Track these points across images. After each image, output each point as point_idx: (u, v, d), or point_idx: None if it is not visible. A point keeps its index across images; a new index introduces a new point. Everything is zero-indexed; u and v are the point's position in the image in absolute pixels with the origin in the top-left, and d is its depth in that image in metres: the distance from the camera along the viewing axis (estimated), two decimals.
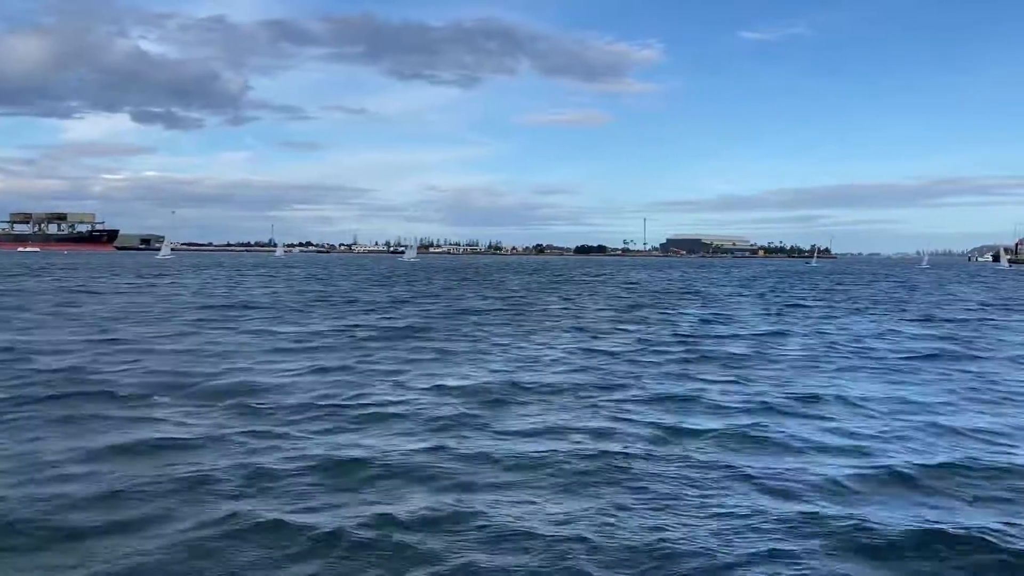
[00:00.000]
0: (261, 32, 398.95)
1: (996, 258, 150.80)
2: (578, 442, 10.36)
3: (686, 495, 8.32)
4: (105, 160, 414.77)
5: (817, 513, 7.78)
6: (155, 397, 12.76)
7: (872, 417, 12.25)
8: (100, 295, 37.67)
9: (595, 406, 12.74)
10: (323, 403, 12.53)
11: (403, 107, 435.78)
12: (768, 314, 32.98)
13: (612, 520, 7.54)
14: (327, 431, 10.78)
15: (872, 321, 29.88)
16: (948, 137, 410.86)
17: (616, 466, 9.29)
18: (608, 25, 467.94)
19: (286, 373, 15.35)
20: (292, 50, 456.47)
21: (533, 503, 8.05)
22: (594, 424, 11.39)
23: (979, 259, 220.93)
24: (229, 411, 11.88)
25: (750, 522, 7.55)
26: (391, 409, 12.16)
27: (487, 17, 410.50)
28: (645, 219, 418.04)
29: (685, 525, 7.45)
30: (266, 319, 26.64)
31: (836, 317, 31.68)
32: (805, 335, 24.28)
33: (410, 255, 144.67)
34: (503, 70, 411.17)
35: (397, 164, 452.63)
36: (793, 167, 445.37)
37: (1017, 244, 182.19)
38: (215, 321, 25.42)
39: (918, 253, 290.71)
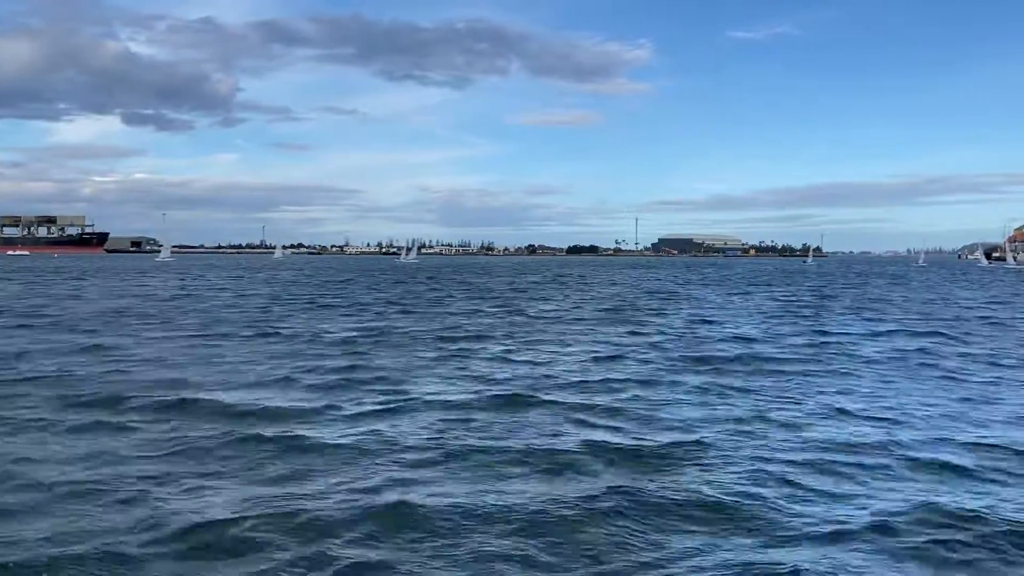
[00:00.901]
0: (251, 33, 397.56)
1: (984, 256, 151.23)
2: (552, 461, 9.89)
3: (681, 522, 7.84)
4: (95, 162, 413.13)
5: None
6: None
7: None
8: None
9: (576, 420, 12.24)
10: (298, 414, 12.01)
11: (394, 108, 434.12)
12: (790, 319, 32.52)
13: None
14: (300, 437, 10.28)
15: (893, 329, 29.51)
16: (938, 135, 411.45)
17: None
18: (598, 25, 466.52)
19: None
20: (282, 51, 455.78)
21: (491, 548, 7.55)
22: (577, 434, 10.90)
23: (969, 257, 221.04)
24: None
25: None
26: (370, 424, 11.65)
27: (477, 18, 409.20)
28: (637, 219, 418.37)
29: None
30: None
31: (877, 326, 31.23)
32: (812, 338, 23.87)
33: (408, 256, 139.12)
34: (494, 71, 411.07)
35: (388, 165, 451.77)
36: (783, 166, 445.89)
37: (1006, 241, 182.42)
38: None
39: (909, 251, 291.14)
